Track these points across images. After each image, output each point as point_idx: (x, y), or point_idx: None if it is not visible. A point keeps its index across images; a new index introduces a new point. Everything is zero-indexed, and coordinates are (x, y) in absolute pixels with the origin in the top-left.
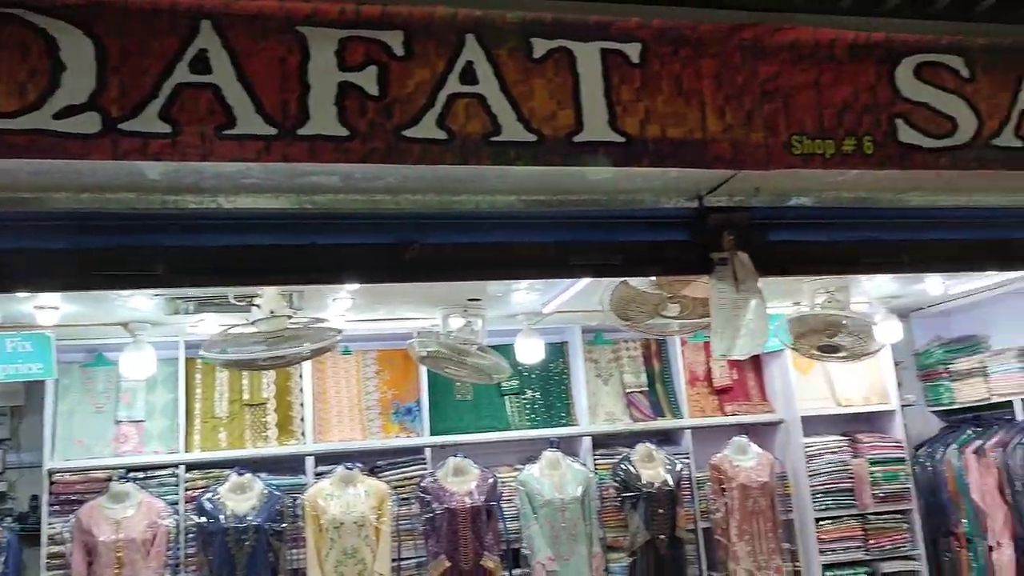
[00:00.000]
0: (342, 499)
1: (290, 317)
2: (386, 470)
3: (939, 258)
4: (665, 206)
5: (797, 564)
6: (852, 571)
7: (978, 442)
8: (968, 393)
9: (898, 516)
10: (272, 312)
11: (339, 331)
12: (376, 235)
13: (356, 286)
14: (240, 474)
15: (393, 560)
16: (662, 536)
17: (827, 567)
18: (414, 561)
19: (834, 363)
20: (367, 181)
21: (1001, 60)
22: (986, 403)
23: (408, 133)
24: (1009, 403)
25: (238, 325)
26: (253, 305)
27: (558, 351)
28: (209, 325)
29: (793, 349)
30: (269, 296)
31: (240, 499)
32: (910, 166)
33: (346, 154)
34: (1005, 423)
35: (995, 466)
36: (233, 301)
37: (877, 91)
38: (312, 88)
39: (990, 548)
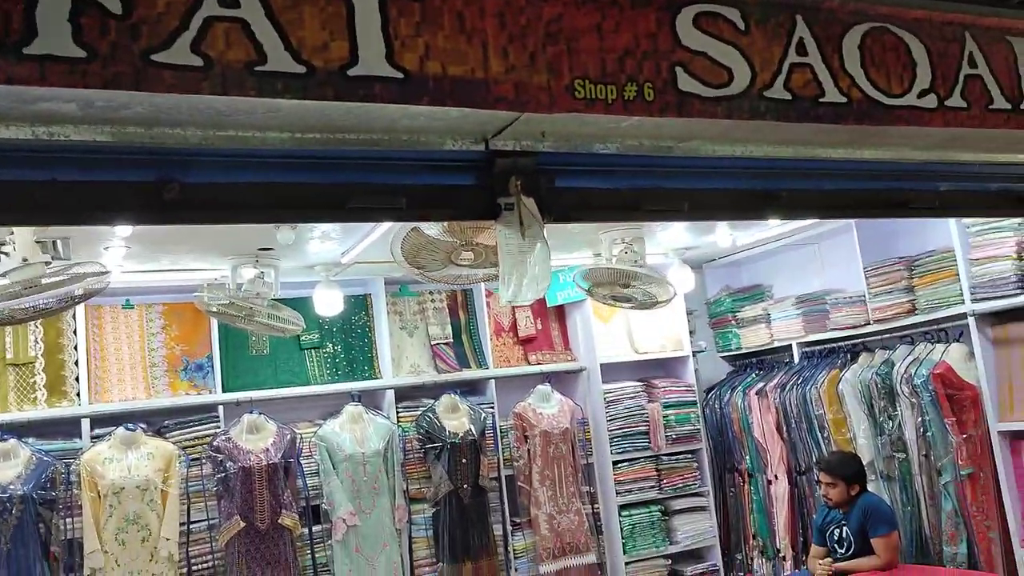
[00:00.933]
0: (123, 463)
1: (47, 264)
2: (174, 430)
3: (717, 206)
4: (451, 148)
5: (596, 506)
6: (647, 510)
7: (760, 384)
8: (753, 339)
9: (688, 456)
10: (25, 259)
11: (106, 272)
12: (129, 171)
13: (128, 232)
14: (3, 439)
15: (182, 524)
16: (465, 485)
17: (623, 507)
18: (205, 523)
19: (632, 312)
20: (112, 111)
21: (774, 14)
22: (768, 348)
23: (158, 58)
24: (788, 347)
25: None
26: (2, 253)
27: (361, 303)
28: None
29: (590, 295)
30: (21, 242)
31: (3, 467)
32: (688, 114)
33: (84, 77)
34: (784, 366)
35: (774, 406)
36: None
37: (658, 38)
38: (40, 1)
39: (768, 482)
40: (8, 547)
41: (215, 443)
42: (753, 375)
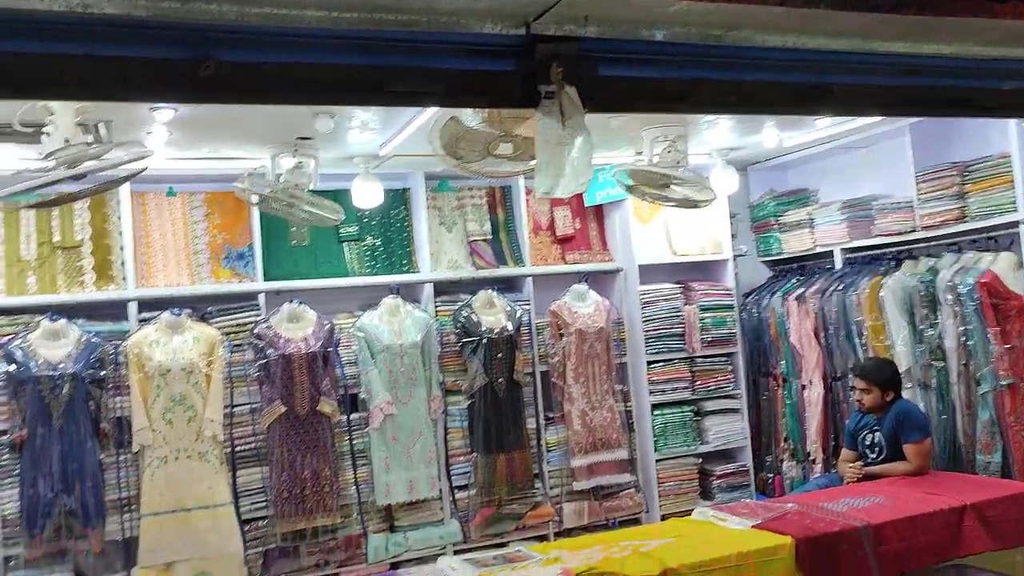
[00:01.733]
0: (168, 346)
1: (89, 144)
2: (217, 316)
3: (765, 100)
4: (490, 32)
5: (628, 404)
6: (679, 410)
7: (800, 290)
8: (795, 244)
9: (723, 359)
10: (67, 140)
11: (148, 152)
12: (165, 48)
13: (168, 117)
14: (53, 320)
15: (225, 407)
16: (500, 380)
17: (656, 406)
18: (248, 407)
19: (672, 214)
20: None
21: None
22: (810, 253)
23: None
24: (830, 253)
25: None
26: (43, 134)
27: (400, 197)
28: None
29: (631, 193)
30: (63, 124)
31: (54, 346)
32: None
33: None
34: (825, 272)
35: (813, 312)
36: (20, 128)
37: None
38: None
39: (803, 387)
40: (61, 423)
41: (256, 330)
42: (793, 280)
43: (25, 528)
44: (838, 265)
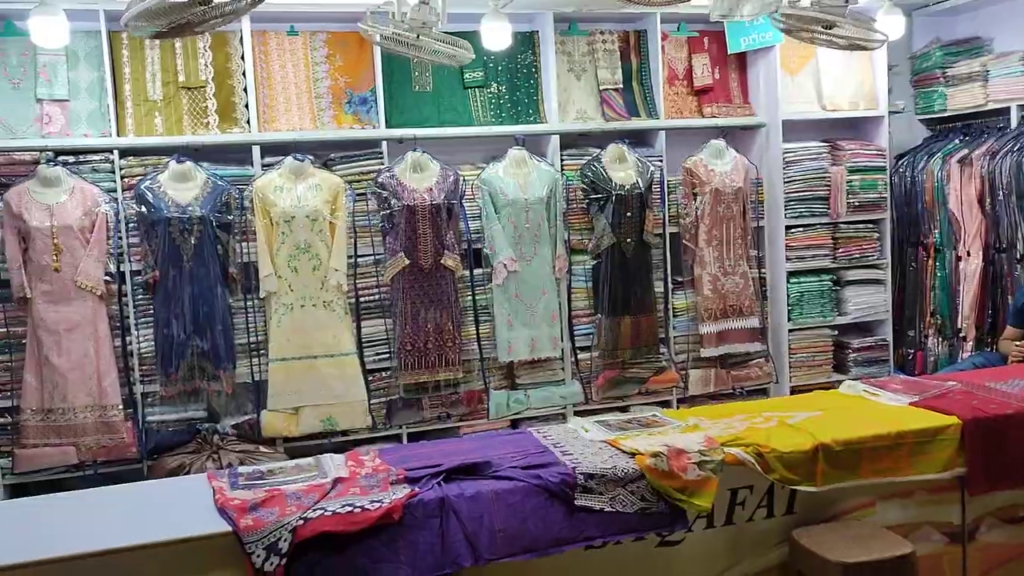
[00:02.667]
0: (292, 192)
1: None
2: (339, 164)
3: None
4: None
5: (763, 270)
6: (817, 278)
7: (964, 151)
8: (963, 100)
9: (869, 225)
10: None
11: None
12: None
13: None
14: (180, 161)
15: (349, 257)
16: (629, 240)
17: (792, 274)
18: (372, 258)
19: (823, 64)
20: None
21: None
22: (980, 110)
23: None
24: (1005, 110)
25: None
26: None
27: (528, 41)
28: None
29: (788, 35)
30: None
31: (182, 188)
32: None
33: None
34: (996, 132)
35: (979, 176)
36: None
37: None
38: None
39: (958, 258)
40: (191, 265)
41: (380, 179)
42: (956, 141)
43: (160, 367)
44: (1014, 123)
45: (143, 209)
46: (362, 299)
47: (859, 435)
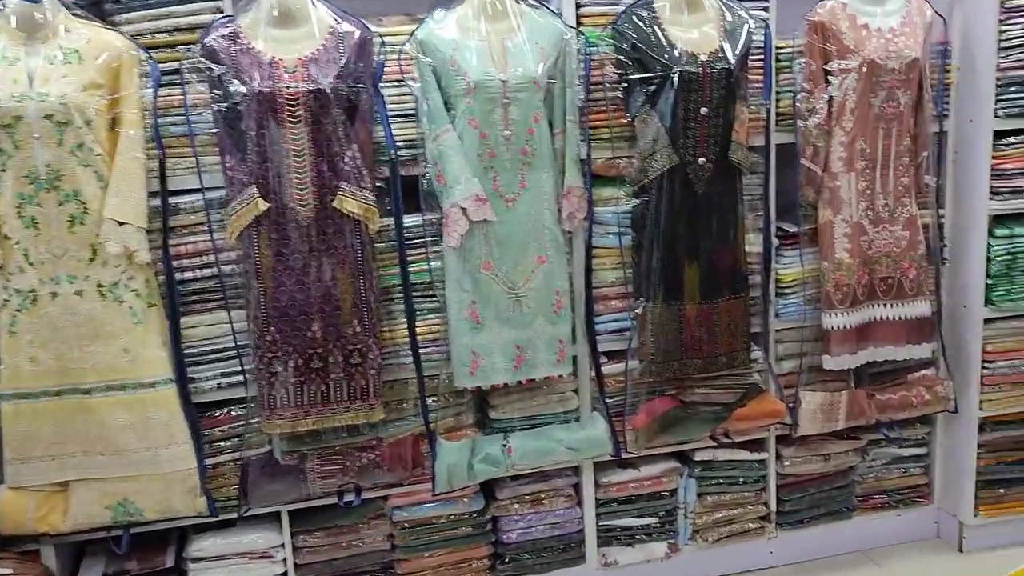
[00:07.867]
0: (20, 66)
1: None
2: (129, 8)
3: None
4: None
5: (942, 212)
6: None
7: None
8: None
9: None
10: None
11: None
12: None
13: None
14: None
15: (154, 196)
16: (702, 159)
17: (998, 220)
18: (199, 199)
19: None
20: None
21: None
22: None
23: None
24: None
25: None
26: None
27: None
28: None
29: None
30: None
31: None
32: None
33: None
34: None
35: None
36: None
37: None
38: None
39: None
40: None
41: (208, 42)
42: None
43: None
44: None
45: None
46: (184, 277)
47: None
